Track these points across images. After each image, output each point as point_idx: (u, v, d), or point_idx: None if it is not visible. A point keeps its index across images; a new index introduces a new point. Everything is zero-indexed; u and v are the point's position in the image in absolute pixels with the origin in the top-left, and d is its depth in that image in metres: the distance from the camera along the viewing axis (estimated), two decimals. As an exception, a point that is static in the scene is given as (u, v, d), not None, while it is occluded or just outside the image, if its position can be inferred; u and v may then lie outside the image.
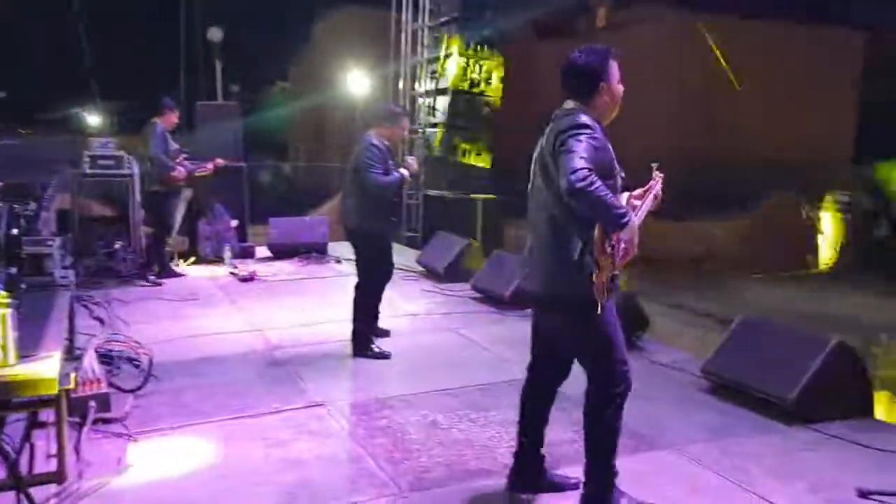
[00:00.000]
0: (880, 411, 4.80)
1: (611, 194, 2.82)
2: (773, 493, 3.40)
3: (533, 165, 3.17)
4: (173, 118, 8.05)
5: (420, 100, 11.84)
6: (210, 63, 14.34)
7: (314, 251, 9.45)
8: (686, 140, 20.82)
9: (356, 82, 14.94)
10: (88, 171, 8.29)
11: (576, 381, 4.92)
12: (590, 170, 2.75)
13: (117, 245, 8.36)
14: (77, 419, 3.83)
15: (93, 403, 3.98)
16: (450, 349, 5.72)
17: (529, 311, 6.37)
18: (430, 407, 4.47)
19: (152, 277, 7.95)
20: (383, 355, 5.40)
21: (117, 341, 5.31)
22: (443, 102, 11.35)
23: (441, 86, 11.40)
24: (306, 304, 7.12)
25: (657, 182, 3.20)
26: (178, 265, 8.59)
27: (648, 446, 3.96)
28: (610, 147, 2.99)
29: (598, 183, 2.75)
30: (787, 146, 17.69)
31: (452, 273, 8.17)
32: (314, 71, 29.05)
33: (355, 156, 5.30)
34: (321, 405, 4.47)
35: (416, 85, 11.92)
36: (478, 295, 7.41)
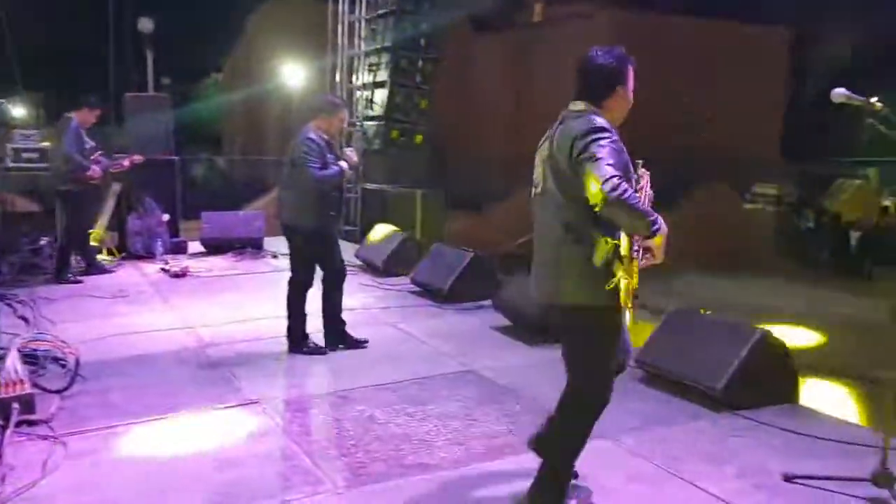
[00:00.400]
0: (806, 397, 4.96)
1: (641, 201, 2.77)
2: (704, 478, 3.48)
3: (538, 170, 3.04)
4: (91, 117, 7.73)
5: (358, 93, 11.74)
6: (141, 54, 13.94)
7: (249, 246, 9.30)
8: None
9: (292, 74, 14.74)
10: (11, 164, 8.00)
11: (508, 372, 4.97)
12: (620, 177, 2.66)
13: (43, 241, 8.08)
14: (0, 421, 3.69)
15: (16, 405, 3.86)
16: (388, 344, 5.69)
17: (485, 305, 6.46)
18: (368, 402, 4.44)
19: (70, 276, 7.69)
20: (319, 351, 5.34)
21: (42, 340, 5.13)
22: (381, 95, 11.26)
23: (379, 79, 11.32)
24: (240, 300, 6.99)
25: (646, 180, 3.07)
26: (103, 261, 8.33)
27: (583, 436, 4.00)
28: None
29: (630, 190, 2.69)
30: (718, 141, 18.15)
31: (391, 267, 8.14)
32: (249, 63, 28.56)
33: (292, 149, 5.18)
34: (256, 403, 4.40)
35: (354, 78, 11.81)
36: (417, 289, 7.40)
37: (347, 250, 9.05)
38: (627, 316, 2.93)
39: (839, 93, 3.17)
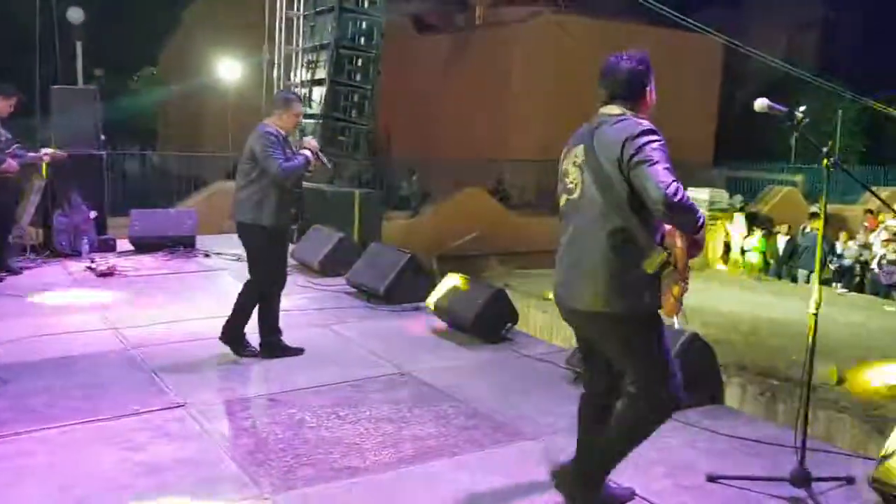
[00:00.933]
0: (730, 398, 5.10)
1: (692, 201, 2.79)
2: (632, 479, 3.51)
3: (572, 175, 3.01)
4: (5, 107, 7.36)
5: (296, 90, 11.58)
6: (70, 45, 13.51)
7: (181, 245, 9.07)
8: (561, 136, 21.42)
9: (229, 69, 14.48)
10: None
11: (442, 374, 4.96)
12: (677, 180, 2.70)
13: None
14: None
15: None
16: (321, 346, 5.61)
17: (422, 307, 6.43)
18: (298, 405, 4.37)
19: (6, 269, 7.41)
20: (253, 352, 5.23)
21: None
22: (319, 93, 11.13)
23: (318, 76, 11.19)
24: (169, 300, 6.80)
25: None
26: (27, 259, 8.01)
27: (513, 437, 4.03)
28: None
29: (686, 194, 2.72)
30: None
31: (327, 267, 8.04)
32: (185, 57, 28.01)
33: (250, 147, 5.02)
34: (181, 406, 4.29)
35: (292, 75, 11.66)
36: (353, 290, 7.34)
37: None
38: (677, 322, 2.91)
39: (761, 103, 3.25)
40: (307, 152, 5.19)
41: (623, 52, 3.05)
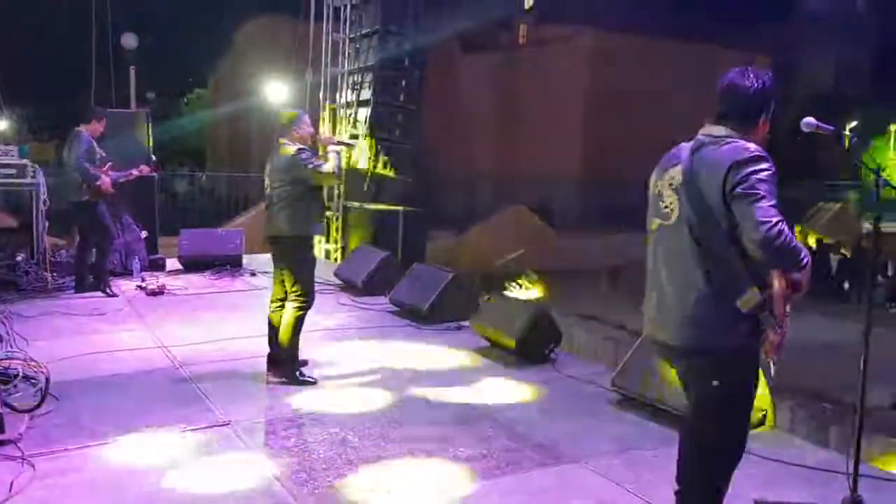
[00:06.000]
0: (780, 421, 4.98)
1: (796, 240, 2.56)
2: (676, 504, 3.46)
3: (668, 199, 2.75)
4: (99, 127, 7.75)
5: (341, 111, 11.75)
6: (124, 70, 13.92)
7: (228, 264, 9.23)
8: (602, 154, 21.33)
9: (275, 91, 14.75)
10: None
11: (484, 395, 4.94)
12: (783, 220, 2.46)
13: (19, 257, 8.00)
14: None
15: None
16: (364, 365, 5.64)
17: (465, 326, 6.43)
18: (341, 425, 4.39)
19: (108, 289, 7.72)
20: (307, 382, 5.14)
21: (14, 359, 5.05)
22: (364, 114, 11.28)
23: (363, 97, 11.34)
24: (216, 319, 6.92)
25: None
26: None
27: (555, 460, 3.98)
28: None
29: (791, 234, 2.49)
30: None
31: (371, 286, 8.10)
32: (234, 79, 28.59)
33: (286, 165, 5.07)
34: (226, 424, 4.35)
35: (338, 96, 11.83)
36: (395, 308, 7.37)
37: (328, 269, 9.06)
38: (772, 370, 2.77)
39: (808, 122, 3.19)
40: (334, 147, 5.27)
41: (749, 68, 2.76)
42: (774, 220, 2.46)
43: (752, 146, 2.60)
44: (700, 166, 2.64)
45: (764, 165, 2.53)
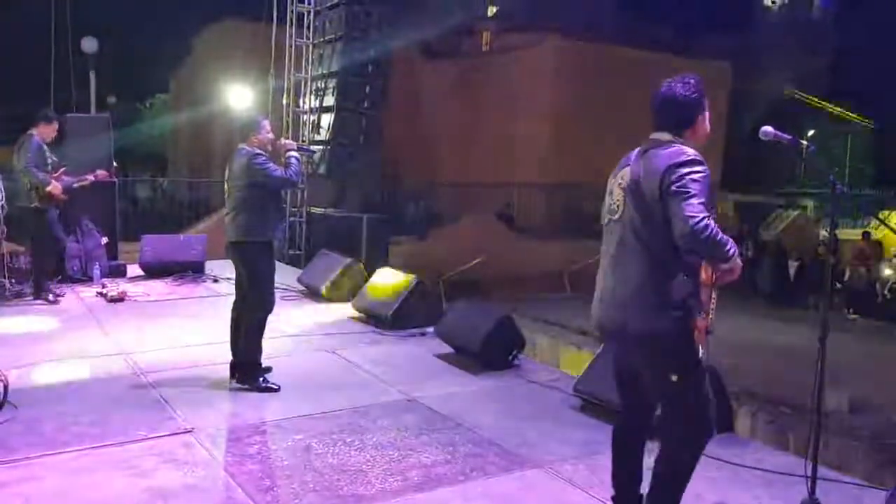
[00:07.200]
0: (740, 426, 5.07)
1: (722, 233, 2.79)
2: (638, 507, 3.50)
3: (615, 196, 3.03)
4: (50, 131, 7.60)
5: (304, 117, 11.71)
6: (84, 74, 13.72)
7: (190, 270, 9.12)
8: (566, 160, 21.53)
9: (238, 97, 14.64)
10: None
11: (448, 400, 4.96)
12: (708, 216, 2.72)
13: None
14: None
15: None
16: (328, 371, 5.63)
17: (429, 332, 6.44)
18: (305, 431, 4.37)
19: (51, 296, 7.54)
20: (270, 389, 5.10)
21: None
22: (327, 120, 11.25)
23: (326, 103, 11.31)
24: (178, 325, 6.84)
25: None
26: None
27: (519, 465, 4.01)
28: None
29: (716, 227, 2.72)
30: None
31: (334, 292, 8.06)
32: (195, 84, 28.26)
33: (242, 169, 5.08)
34: (189, 432, 4.30)
35: (301, 102, 11.79)
36: (359, 315, 7.35)
37: (291, 275, 9.01)
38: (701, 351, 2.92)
39: (766, 131, 3.27)
40: (293, 153, 5.29)
41: (678, 77, 3.03)
42: (701, 215, 2.71)
43: (689, 150, 2.87)
44: (644, 168, 2.92)
45: (698, 168, 2.80)
